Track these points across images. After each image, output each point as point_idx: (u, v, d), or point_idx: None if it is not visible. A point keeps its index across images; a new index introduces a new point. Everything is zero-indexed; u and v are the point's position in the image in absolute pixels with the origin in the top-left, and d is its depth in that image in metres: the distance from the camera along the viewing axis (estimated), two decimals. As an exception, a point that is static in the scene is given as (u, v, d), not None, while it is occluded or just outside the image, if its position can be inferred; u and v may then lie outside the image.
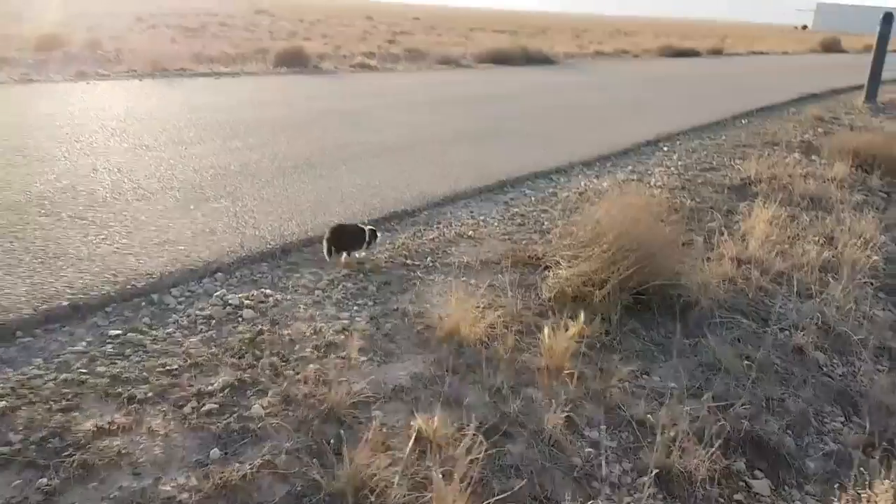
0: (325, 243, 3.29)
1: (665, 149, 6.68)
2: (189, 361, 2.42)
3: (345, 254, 3.33)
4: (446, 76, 12.86)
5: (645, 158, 6.25)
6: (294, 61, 12.40)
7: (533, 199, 4.77)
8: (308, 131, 6.36)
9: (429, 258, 3.53)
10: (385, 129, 6.68)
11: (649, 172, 5.64)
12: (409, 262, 3.47)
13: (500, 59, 15.96)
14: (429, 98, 9.12)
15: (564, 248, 3.32)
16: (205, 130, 6.03)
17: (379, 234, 3.45)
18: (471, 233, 3.95)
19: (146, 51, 11.60)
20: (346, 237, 3.32)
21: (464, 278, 3.29)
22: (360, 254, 3.38)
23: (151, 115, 6.68)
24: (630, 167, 5.85)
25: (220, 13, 33.30)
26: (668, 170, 5.74)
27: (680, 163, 6.02)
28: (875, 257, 3.90)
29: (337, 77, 11.33)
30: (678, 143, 7.06)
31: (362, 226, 3.40)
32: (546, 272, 3.31)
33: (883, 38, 10.01)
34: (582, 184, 5.20)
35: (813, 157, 6.48)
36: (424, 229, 3.96)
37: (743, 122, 8.57)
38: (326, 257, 3.32)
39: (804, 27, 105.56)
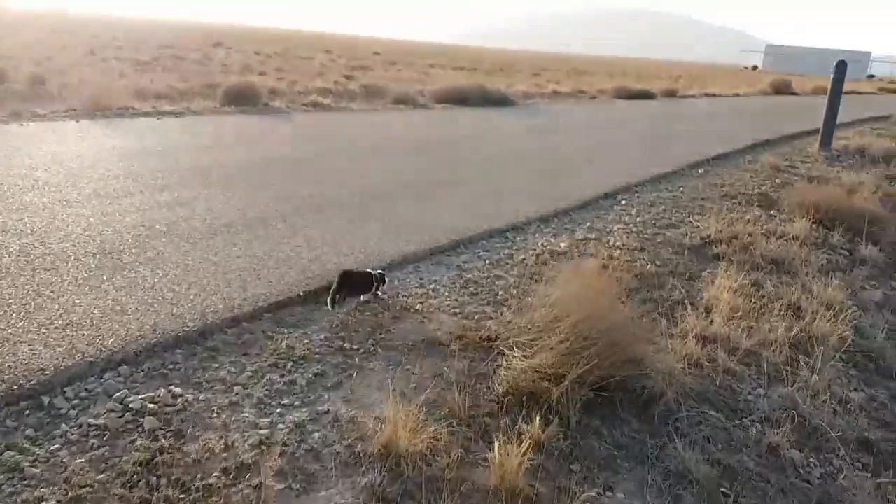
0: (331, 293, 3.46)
1: (623, 202, 6.50)
2: (70, 494, 2.01)
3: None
4: (402, 116, 12.65)
5: (604, 213, 6.04)
6: (243, 99, 12.02)
7: (487, 261, 4.48)
8: (248, 181, 5.99)
9: (370, 340, 3.18)
10: (331, 178, 6.34)
11: (608, 230, 5.42)
12: (346, 345, 3.11)
13: (458, 98, 15.87)
14: (381, 141, 8.86)
15: (519, 332, 3.02)
16: (135, 181, 5.60)
17: (387, 279, 3.71)
18: (418, 306, 3.62)
19: (91, 87, 11.11)
20: (352, 282, 3.51)
21: (407, 367, 2.95)
22: (364, 297, 3.58)
23: (81, 162, 6.22)
24: (588, 223, 5.63)
25: (176, 45, 32.81)
26: (626, 227, 5.53)
27: (639, 219, 5.83)
28: (847, 331, 3.70)
29: (287, 117, 10.99)
30: (636, 195, 6.90)
31: (370, 271, 3.63)
32: (500, 358, 2.99)
33: (837, 86, 10.15)
34: (539, 244, 4.94)
35: (772, 212, 6.38)
36: (366, 301, 3.61)
37: (700, 171, 8.51)
38: (329, 307, 3.43)
39: (755, 68, 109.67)
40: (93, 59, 19.74)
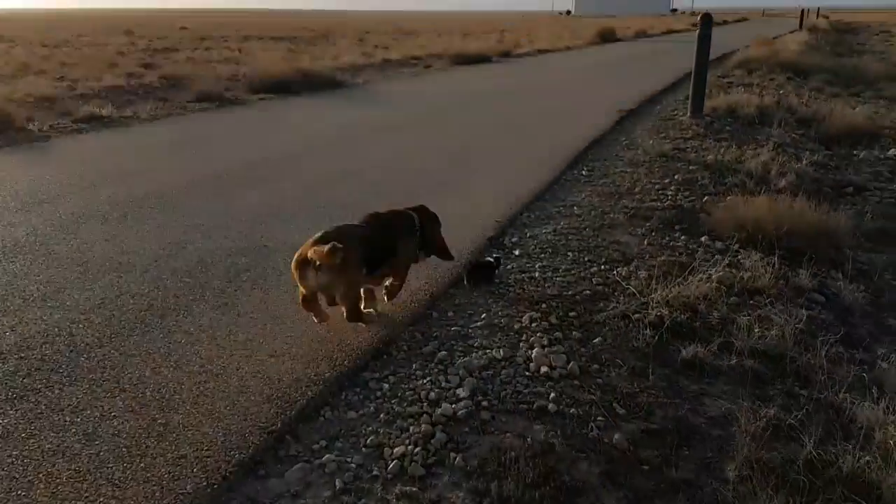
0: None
1: (517, 252, 4.69)
2: None
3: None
4: (201, 126, 9.97)
5: (495, 281, 4.19)
6: (-15, 125, 8.84)
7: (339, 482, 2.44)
8: None
9: None
10: (50, 294, 3.93)
11: (514, 328, 3.56)
12: None
13: (279, 86, 13.32)
14: (160, 184, 6.29)
15: None
16: None
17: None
18: None
19: None
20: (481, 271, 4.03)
21: None
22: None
23: None
24: (483, 312, 3.74)
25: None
26: (536, 310, 3.70)
27: (549, 288, 4.03)
28: None
29: (40, 151, 8.00)
30: (526, 230, 5.12)
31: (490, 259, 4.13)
32: None
33: (704, 44, 8.93)
34: (422, 395, 2.96)
35: (703, 239, 4.86)
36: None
37: (583, 171, 6.91)
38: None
39: (568, 13, 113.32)
40: None
